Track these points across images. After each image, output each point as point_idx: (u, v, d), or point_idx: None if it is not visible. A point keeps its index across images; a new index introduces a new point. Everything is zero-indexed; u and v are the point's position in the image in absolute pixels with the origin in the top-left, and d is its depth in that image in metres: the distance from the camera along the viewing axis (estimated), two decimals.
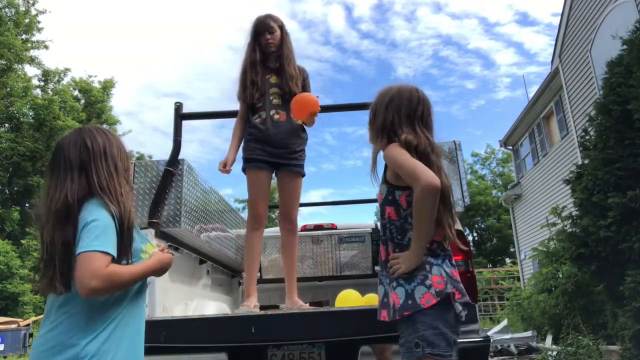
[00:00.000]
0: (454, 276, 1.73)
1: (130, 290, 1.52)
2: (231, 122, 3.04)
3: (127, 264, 1.47)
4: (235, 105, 3.03)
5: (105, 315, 1.44)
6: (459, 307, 1.68)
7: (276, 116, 2.87)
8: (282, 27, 3.00)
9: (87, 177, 1.50)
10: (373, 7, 55.56)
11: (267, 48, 2.95)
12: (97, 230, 1.40)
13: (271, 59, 2.99)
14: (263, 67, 2.96)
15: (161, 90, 50.79)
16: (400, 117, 1.81)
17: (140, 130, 45.98)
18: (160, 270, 1.60)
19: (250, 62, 2.95)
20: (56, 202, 1.45)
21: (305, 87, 3.03)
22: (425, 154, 1.75)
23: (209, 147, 52.02)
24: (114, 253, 1.41)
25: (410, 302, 1.64)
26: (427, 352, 1.60)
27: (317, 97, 2.81)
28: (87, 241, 1.38)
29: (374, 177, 1.90)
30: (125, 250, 1.47)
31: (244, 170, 2.92)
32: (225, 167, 2.86)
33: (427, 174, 1.63)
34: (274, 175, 2.97)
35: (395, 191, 1.78)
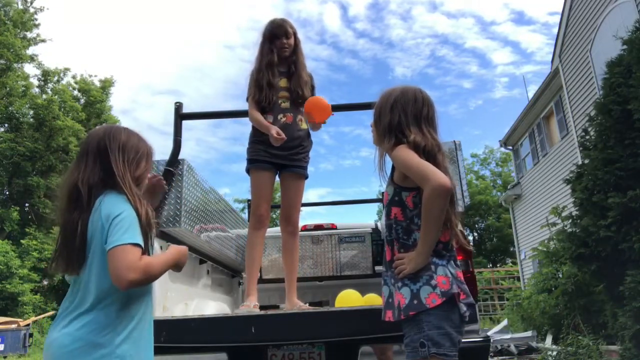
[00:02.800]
0: (459, 277, 1.74)
1: (151, 286, 1.52)
2: (229, 122, 3.05)
3: None
4: (232, 105, 3.04)
5: (131, 313, 1.44)
6: (464, 308, 1.69)
7: (283, 119, 2.89)
8: (295, 33, 3.04)
9: (103, 167, 1.50)
10: (368, 6, 55.55)
11: (281, 52, 2.96)
12: (125, 223, 1.40)
13: (282, 63, 3.00)
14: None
15: (155, 88, 50.71)
16: (407, 117, 1.82)
17: (135, 128, 45.34)
18: (180, 259, 1.59)
19: (267, 63, 2.93)
20: (68, 184, 1.49)
21: (312, 92, 3.07)
22: (433, 154, 1.75)
23: (206, 145, 52.04)
24: (143, 245, 1.42)
25: (415, 302, 1.65)
26: (433, 352, 1.60)
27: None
28: (117, 235, 1.37)
29: (382, 178, 1.90)
30: (145, 244, 1.45)
31: (247, 170, 2.93)
32: (279, 135, 2.70)
33: (438, 175, 1.64)
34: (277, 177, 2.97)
35: (402, 192, 1.78)
